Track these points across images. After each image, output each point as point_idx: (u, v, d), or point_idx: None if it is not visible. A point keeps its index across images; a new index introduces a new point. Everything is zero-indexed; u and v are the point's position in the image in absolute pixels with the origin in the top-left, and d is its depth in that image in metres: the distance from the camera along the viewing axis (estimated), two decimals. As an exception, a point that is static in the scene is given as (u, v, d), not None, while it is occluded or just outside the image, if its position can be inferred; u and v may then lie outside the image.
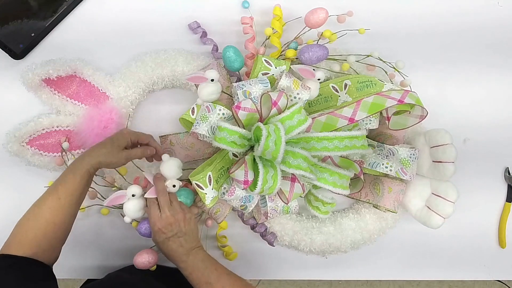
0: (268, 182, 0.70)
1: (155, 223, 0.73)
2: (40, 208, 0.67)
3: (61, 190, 0.67)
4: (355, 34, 0.86)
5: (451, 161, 0.78)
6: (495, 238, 0.95)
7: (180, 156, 0.83)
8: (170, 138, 0.82)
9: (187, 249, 0.72)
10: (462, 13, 0.91)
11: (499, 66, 0.92)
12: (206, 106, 0.76)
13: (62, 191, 0.67)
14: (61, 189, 0.67)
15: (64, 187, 0.68)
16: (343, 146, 0.75)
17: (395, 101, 0.75)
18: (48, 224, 0.66)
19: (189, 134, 0.80)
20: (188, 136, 0.81)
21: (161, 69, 0.83)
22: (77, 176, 0.68)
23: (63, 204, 0.67)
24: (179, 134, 0.82)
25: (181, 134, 0.81)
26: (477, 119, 0.92)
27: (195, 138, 0.80)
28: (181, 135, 0.81)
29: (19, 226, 0.66)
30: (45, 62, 0.79)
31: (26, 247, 0.64)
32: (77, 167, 0.69)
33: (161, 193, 0.74)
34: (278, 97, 0.72)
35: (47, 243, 0.66)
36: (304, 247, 0.87)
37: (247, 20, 0.83)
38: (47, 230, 0.66)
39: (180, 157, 0.82)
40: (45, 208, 0.66)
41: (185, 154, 0.82)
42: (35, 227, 0.65)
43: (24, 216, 0.67)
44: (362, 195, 0.87)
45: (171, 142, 0.82)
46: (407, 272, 0.95)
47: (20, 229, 0.66)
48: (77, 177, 0.68)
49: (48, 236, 0.66)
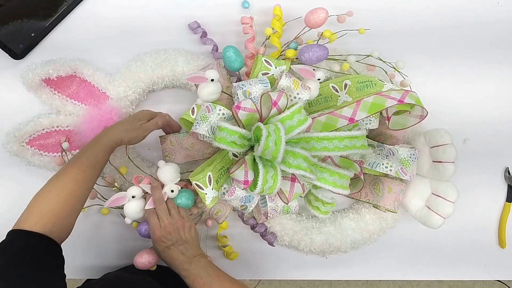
0: (268, 182, 0.70)
1: (154, 232, 0.74)
2: (62, 180, 0.66)
3: (85, 162, 0.68)
4: (355, 34, 0.86)
5: (451, 161, 0.78)
6: (495, 238, 0.95)
7: (180, 156, 0.83)
8: (170, 138, 0.82)
9: (188, 257, 0.73)
10: (463, 14, 0.91)
11: (499, 66, 0.92)
12: (206, 106, 0.76)
13: (86, 163, 0.68)
14: (85, 162, 0.68)
15: (88, 160, 0.68)
16: (343, 146, 0.75)
17: (395, 101, 0.75)
18: (70, 197, 0.66)
19: (189, 134, 0.80)
20: (188, 136, 0.81)
21: (161, 69, 0.83)
22: (100, 151, 0.70)
23: (86, 177, 0.68)
24: (179, 134, 0.82)
25: (181, 134, 0.81)
26: (477, 119, 0.92)
27: (195, 138, 0.80)
28: (181, 135, 0.81)
29: (38, 199, 0.64)
30: (45, 62, 0.79)
31: (45, 220, 0.62)
32: (101, 142, 0.71)
33: (158, 202, 0.75)
34: (278, 97, 0.72)
35: (66, 217, 0.65)
36: (304, 247, 0.87)
37: (247, 20, 0.83)
38: (69, 203, 0.65)
39: (181, 157, 0.82)
40: (68, 179, 0.66)
41: (185, 154, 0.82)
42: (56, 200, 0.64)
43: (43, 190, 0.66)
44: (362, 195, 0.87)
45: (171, 142, 0.82)
46: (407, 272, 0.95)
47: (39, 202, 0.64)
48: (100, 152, 0.70)
49: (68, 210, 0.65)
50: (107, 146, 0.71)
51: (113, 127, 0.74)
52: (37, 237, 0.61)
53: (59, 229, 0.64)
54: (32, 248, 0.60)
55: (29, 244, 0.60)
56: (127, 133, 0.73)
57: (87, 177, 0.68)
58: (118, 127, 0.74)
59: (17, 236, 0.61)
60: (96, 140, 0.72)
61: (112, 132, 0.73)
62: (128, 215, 0.77)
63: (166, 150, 0.83)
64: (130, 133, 0.73)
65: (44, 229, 0.62)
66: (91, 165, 0.69)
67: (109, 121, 0.80)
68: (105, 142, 0.71)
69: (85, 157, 0.69)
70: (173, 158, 0.83)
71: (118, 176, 0.84)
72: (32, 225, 0.62)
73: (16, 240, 0.61)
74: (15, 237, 0.61)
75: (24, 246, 0.60)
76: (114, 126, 0.75)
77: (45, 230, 0.62)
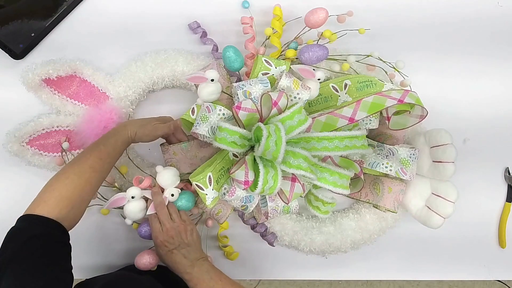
0: (269, 182, 0.70)
1: (157, 236, 0.74)
2: (82, 167, 0.66)
3: (104, 150, 0.69)
4: (355, 34, 0.86)
5: (451, 161, 0.78)
6: (495, 238, 0.95)
7: (185, 166, 0.82)
8: (173, 149, 0.81)
9: (191, 260, 0.73)
10: (463, 14, 0.91)
11: (499, 66, 0.92)
12: (206, 106, 0.76)
13: (104, 152, 0.69)
14: (103, 150, 0.69)
15: (107, 148, 0.69)
16: (343, 146, 0.75)
17: (395, 100, 0.75)
18: (86, 184, 0.65)
19: (191, 144, 0.80)
20: (191, 146, 0.80)
21: (161, 69, 0.83)
22: (118, 141, 0.71)
23: (103, 165, 0.68)
24: (182, 144, 0.81)
25: (183, 144, 0.81)
26: (477, 119, 0.92)
27: (198, 147, 0.80)
28: (183, 145, 0.80)
29: (54, 185, 0.63)
30: (45, 62, 0.79)
31: (61, 206, 0.61)
32: (120, 133, 0.72)
33: (160, 207, 0.76)
34: (278, 97, 0.72)
35: (80, 204, 0.65)
36: (304, 247, 0.87)
37: (247, 20, 0.83)
38: (84, 190, 0.65)
39: (186, 166, 0.82)
40: (87, 167, 0.66)
41: (190, 163, 0.82)
42: (73, 186, 0.64)
43: (59, 176, 0.65)
44: (362, 195, 0.87)
45: (174, 153, 0.81)
46: (407, 272, 0.95)
47: (56, 188, 0.63)
48: (118, 142, 0.71)
49: (82, 197, 0.65)
50: (124, 138, 0.72)
51: (130, 121, 0.77)
52: (50, 225, 0.60)
53: (72, 216, 0.64)
54: (44, 236, 0.59)
55: (41, 232, 0.59)
56: (141, 128, 0.74)
57: (104, 166, 0.69)
58: (135, 122, 0.76)
59: (31, 221, 0.60)
60: (115, 130, 0.73)
61: (130, 125, 0.74)
62: (128, 216, 0.77)
63: (169, 161, 0.82)
64: (144, 129, 0.74)
65: (59, 215, 0.61)
66: (110, 154, 0.70)
67: (109, 121, 0.80)
68: (123, 134, 0.72)
69: (104, 145, 0.70)
70: (178, 167, 0.81)
71: (118, 176, 0.84)
72: (48, 211, 0.60)
73: (30, 226, 0.59)
74: (29, 222, 0.60)
75: (35, 234, 0.58)
76: (131, 120, 0.78)
77: (59, 217, 0.61)
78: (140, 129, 0.74)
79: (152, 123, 0.76)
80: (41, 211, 0.60)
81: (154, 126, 0.75)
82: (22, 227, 0.59)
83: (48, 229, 0.60)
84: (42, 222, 0.60)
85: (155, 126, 0.75)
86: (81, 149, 0.83)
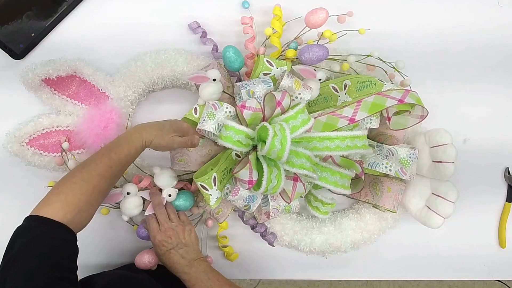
0: (272, 182, 0.70)
1: (155, 236, 0.75)
2: (90, 174, 0.65)
3: (115, 158, 0.67)
4: (355, 34, 0.86)
5: (451, 161, 0.78)
6: (495, 238, 0.95)
7: (196, 163, 0.81)
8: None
9: (189, 260, 0.74)
10: (463, 14, 0.91)
11: (499, 66, 0.92)
12: (213, 104, 0.75)
13: (115, 159, 0.67)
14: (115, 158, 0.67)
15: (118, 156, 0.67)
16: (345, 146, 0.75)
17: (396, 100, 0.75)
18: (94, 191, 0.65)
19: (206, 142, 0.79)
20: (207, 142, 0.80)
21: (161, 69, 0.83)
22: (132, 149, 0.69)
23: (113, 173, 0.67)
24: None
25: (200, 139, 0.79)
26: (477, 119, 0.92)
27: (212, 145, 0.79)
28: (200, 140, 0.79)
29: (62, 188, 0.63)
30: (45, 62, 0.79)
31: (66, 210, 0.61)
32: (134, 140, 0.69)
33: (158, 207, 0.77)
34: (282, 97, 0.72)
35: (87, 209, 0.64)
36: (304, 247, 0.87)
37: (247, 20, 0.83)
38: (92, 197, 0.64)
39: (196, 164, 0.81)
40: (95, 174, 0.65)
41: (201, 162, 0.81)
42: (80, 192, 0.63)
43: (67, 179, 0.64)
44: (362, 195, 0.87)
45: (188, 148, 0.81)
46: (407, 272, 0.95)
47: (63, 191, 0.63)
48: (131, 149, 0.69)
49: (90, 202, 0.64)
50: (138, 146, 0.69)
51: (147, 127, 0.72)
52: (56, 225, 0.60)
53: (79, 220, 0.63)
54: (51, 235, 0.59)
55: (48, 231, 0.59)
56: (158, 138, 0.71)
57: (114, 173, 0.67)
58: (152, 129, 0.71)
59: (36, 222, 0.60)
60: (130, 136, 0.70)
61: (146, 132, 0.71)
62: (125, 212, 0.77)
63: (177, 156, 0.81)
64: (160, 140, 0.71)
65: (64, 218, 0.60)
66: (121, 162, 0.68)
67: (109, 121, 0.80)
68: (137, 141, 0.70)
69: (116, 153, 0.68)
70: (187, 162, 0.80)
71: (118, 176, 0.84)
72: (53, 214, 0.60)
73: (35, 226, 0.59)
74: (34, 223, 0.60)
75: (42, 232, 0.58)
76: (148, 125, 0.72)
77: (64, 220, 0.60)
78: (157, 139, 0.71)
79: (170, 134, 0.72)
80: (46, 213, 0.60)
81: (171, 138, 0.72)
82: (29, 226, 0.60)
83: (54, 229, 0.60)
84: (48, 222, 0.60)
85: (172, 139, 0.72)
86: (81, 149, 0.83)
